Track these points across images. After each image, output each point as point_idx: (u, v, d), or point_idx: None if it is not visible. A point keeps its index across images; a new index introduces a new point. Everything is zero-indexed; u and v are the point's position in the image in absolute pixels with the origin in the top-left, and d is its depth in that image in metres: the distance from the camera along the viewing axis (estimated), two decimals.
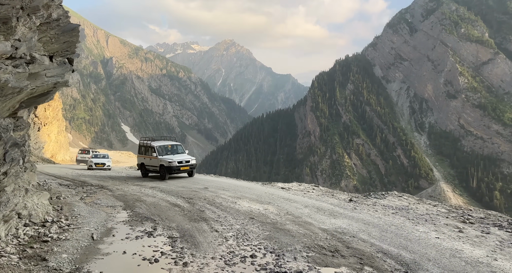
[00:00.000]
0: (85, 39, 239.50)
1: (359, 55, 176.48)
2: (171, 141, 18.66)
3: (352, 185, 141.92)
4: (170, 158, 16.51)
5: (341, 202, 10.96)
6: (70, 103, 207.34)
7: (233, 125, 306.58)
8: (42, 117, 33.04)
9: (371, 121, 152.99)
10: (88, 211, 9.23)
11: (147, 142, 17.93)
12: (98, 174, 18.83)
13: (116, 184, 14.68)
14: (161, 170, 16.47)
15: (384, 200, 11.30)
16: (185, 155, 17.29)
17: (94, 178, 16.75)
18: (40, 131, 33.19)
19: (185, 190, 13.19)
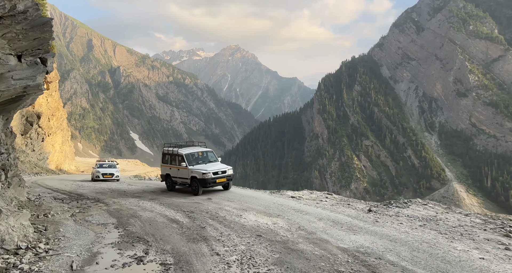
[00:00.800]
0: (92, 49, 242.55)
1: (366, 56, 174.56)
2: (201, 147, 15.82)
3: (362, 187, 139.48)
4: (203, 168, 13.71)
5: (359, 213, 9.73)
6: (79, 113, 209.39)
7: (240, 130, 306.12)
8: (46, 127, 32.41)
9: (379, 122, 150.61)
10: (75, 231, 8.18)
11: (172, 149, 15.14)
12: (98, 186, 17.85)
13: (114, 196, 13.67)
14: (193, 183, 13.83)
15: (408, 210, 10.03)
16: (219, 164, 14.52)
17: (93, 190, 15.77)
18: (44, 141, 32.54)
19: (186, 202, 12.11)
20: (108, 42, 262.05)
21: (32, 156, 30.94)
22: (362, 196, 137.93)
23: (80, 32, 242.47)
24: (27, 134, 30.02)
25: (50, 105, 33.54)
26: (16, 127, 29.15)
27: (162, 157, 15.98)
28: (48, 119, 32.97)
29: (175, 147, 15.50)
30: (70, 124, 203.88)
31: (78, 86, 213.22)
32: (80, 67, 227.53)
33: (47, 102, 33.21)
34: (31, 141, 30.77)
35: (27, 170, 28.25)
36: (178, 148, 15.11)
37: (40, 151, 32.26)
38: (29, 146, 30.69)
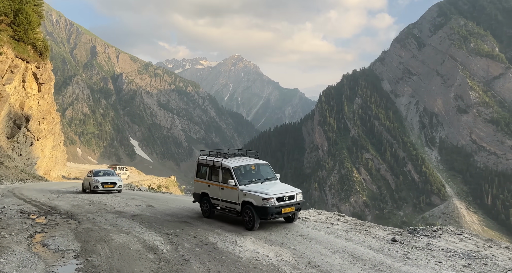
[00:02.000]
0: (96, 55, 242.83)
1: (367, 69, 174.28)
2: (253, 159, 10.88)
3: (361, 201, 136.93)
4: (262, 190, 9.26)
5: (383, 244, 7.84)
6: (80, 118, 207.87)
7: (240, 139, 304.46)
8: (35, 131, 30.54)
9: (380, 135, 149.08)
10: (21, 261, 6.28)
11: (214, 159, 10.57)
12: (79, 197, 15.89)
13: (91, 211, 11.75)
14: (246, 211, 9.27)
15: (440, 240, 8.14)
16: (281, 184, 10.19)
17: (70, 202, 13.82)
18: (33, 146, 30.63)
19: (173, 220, 10.20)
20: (112, 49, 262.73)
21: (18, 161, 28.94)
22: (361, 210, 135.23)
23: (84, 39, 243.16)
24: (14, 138, 28.11)
25: (42, 107, 31.74)
26: (2, 130, 27.31)
27: (197, 168, 11.32)
28: (39, 123, 31.12)
29: (217, 156, 10.88)
30: (71, 129, 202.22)
31: (80, 92, 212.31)
32: (83, 73, 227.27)
33: (38, 104, 31.44)
34: (18, 145, 28.82)
35: (11, 176, 26.29)
36: (222, 158, 10.46)
37: (28, 155, 30.30)
38: (15, 151, 28.75)
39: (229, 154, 10.95)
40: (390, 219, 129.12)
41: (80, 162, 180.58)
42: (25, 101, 29.35)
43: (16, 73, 28.18)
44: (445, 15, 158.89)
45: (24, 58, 29.21)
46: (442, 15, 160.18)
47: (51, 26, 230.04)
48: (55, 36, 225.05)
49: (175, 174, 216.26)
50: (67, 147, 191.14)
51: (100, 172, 20.35)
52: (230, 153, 11.04)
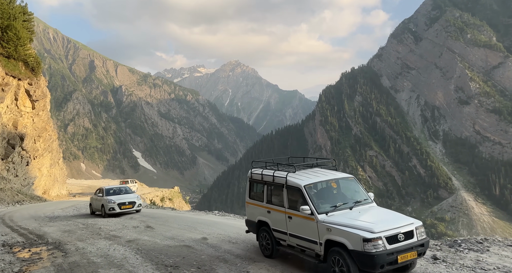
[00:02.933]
0: (95, 70, 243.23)
1: (365, 66, 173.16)
2: (330, 171, 7.56)
3: None
4: (359, 223, 5.72)
5: (424, 263, 6.48)
6: (82, 133, 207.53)
7: (243, 144, 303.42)
8: (31, 149, 29.32)
9: (382, 131, 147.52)
10: None
11: (273, 174, 7.42)
12: (72, 221, 14.58)
13: (82, 237, 10.44)
14: (334, 258, 5.84)
15: (490, 255, 6.79)
16: (385, 212, 6.66)
17: (62, 227, 12.49)
18: (30, 165, 29.40)
19: (173, 245, 8.89)
20: (110, 63, 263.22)
21: (15, 182, 27.70)
22: None
23: (82, 54, 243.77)
24: (8, 159, 26.89)
25: (37, 125, 30.57)
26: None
27: (249, 186, 8.28)
28: (34, 141, 29.91)
29: (279, 169, 7.58)
30: (73, 145, 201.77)
31: (81, 107, 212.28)
32: (82, 88, 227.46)
33: (33, 122, 30.26)
34: (14, 166, 27.60)
35: (7, 198, 25.06)
36: (287, 172, 7.21)
37: (25, 176, 29.07)
38: (11, 172, 27.50)
39: (294, 165, 7.37)
40: None
41: (85, 177, 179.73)
42: (19, 120, 28.19)
43: (7, 91, 27.03)
44: (440, 8, 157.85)
45: (16, 75, 28.07)
46: (437, 8, 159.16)
47: (49, 43, 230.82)
48: (53, 53, 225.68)
49: (179, 183, 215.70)
50: (71, 163, 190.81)
51: (112, 189, 16.73)
52: (296, 164, 7.55)
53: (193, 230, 10.52)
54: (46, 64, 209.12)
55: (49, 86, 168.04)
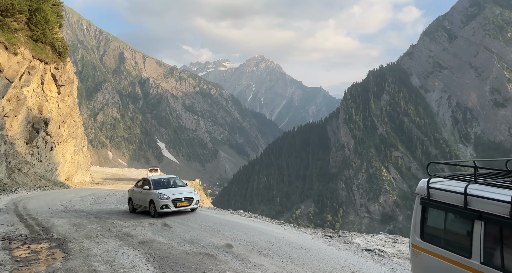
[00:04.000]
0: (124, 61, 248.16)
1: (394, 64, 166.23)
2: None
3: (392, 200, 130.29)
4: None
5: None
6: (110, 122, 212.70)
7: (264, 139, 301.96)
8: (55, 135, 28.83)
9: (410, 132, 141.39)
10: None
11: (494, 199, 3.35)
12: (86, 211, 13.40)
13: (91, 234, 9.11)
14: None
15: None
16: None
17: (72, 219, 11.24)
18: (54, 151, 28.94)
19: (192, 251, 7.35)
20: (139, 55, 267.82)
21: (38, 167, 27.27)
22: (391, 210, 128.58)
23: (113, 46, 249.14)
24: (32, 143, 26.43)
25: (62, 111, 30.04)
26: (20, 135, 25.64)
27: (422, 215, 4.28)
28: (59, 126, 29.42)
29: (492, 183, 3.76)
30: (102, 133, 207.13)
31: (110, 97, 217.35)
32: (112, 78, 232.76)
33: (58, 107, 29.75)
34: (38, 150, 27.14)
35: (29, 183, 24.61)
36: None
37: (48, 161, 28.64)
38: (35, 156, 27.08)
39: None
40: None
41: (111, 165, 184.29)
42: (44, 104, 27.66)
43: (34, 75, 26.48)
44: (478, 4, 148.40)
45: (42, 59, 27.49)
46: (475, 5, 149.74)
47: (82, 34, 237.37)
48: (85, 44, 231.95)
49: (200, 175, 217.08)
50: (99, 150, 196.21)
51: (161, 180, 12.75)
52: None
53: (216, 233, 8.94)
54: (79, 54, 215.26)
55: (81, 76, 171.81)
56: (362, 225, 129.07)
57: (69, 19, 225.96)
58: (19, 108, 24.61)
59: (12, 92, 24.20)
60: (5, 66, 22.66)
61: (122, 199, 18.02)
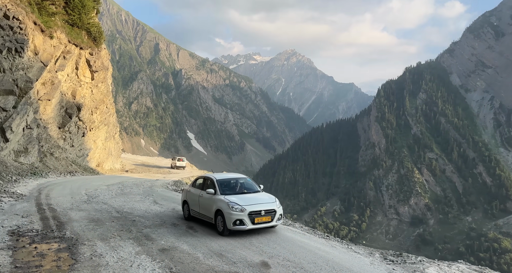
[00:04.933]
0: (159, 52, 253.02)
1: (433, 62, 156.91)
2: None
3: (423, 203, 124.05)
4: None
5: None
6: (144, 111, 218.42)
7: (291, 135, 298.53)
8: (87, 121, 28.60)
9: (446, 133, 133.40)
10: None
11: None
12: (109, 203, 12.40)
13: (108, 234, 7.92)
14: None
15: None
16: None
17: (91, 212, 10.19)
18: (85, 136, 28.75)
19: (220, 269, 5.86)
20: (173, 46, 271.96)
21: (70, 152, 27.11)
22: (422, 213, 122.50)
23: (149, 37, 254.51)
24: (65, 128, 26.23)
25: (95, 97, 29.77)
26: (54, 119, 25.45)
27: None
28: (91, 112, 29.18)
29: None
30: (135, 122, 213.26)
31: (144, 87, 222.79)
32: (147, 69, 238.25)
33: (92, 93, 29.48)
34: (70, 136, 26.96)
35: (60, 168, 24.43)
36: None
37: (80, 147, 28.50)
38: (67, 141, 26.92)
39: None
40: (455, 225, 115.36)
41: (143, 152, 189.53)
42: (78, 89, 27.35)
43: (68, 59, 26.14)
44: None
45: (78, 44, 27.09)
46: None
47: (121, 25, 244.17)
48: (123, 34, 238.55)
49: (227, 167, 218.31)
50: (132, 138, 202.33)
51: (229, 182, 9.38)
52: None
53: (248, 245, 7.42)
54: (117, 44, 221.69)
55: (118, 65, 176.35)
56: (390, 227, 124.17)
57: (109, 10, 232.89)
58: (53, 92, 24.37)
59: (47, 76, 23.96)
60: (40, 49, 22.31)
61: (148, 191, 17.07)
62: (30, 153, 21.76)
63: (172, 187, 20.90)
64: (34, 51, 21.70)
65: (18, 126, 20.31)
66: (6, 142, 19.33)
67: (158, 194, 16.02)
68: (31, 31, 21.26)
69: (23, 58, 20.74)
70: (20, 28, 20.69)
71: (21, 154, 21.09)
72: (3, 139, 19.14)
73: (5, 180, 15.89)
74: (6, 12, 20.50)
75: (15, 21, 20.84)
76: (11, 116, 19.74)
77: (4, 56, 20.17)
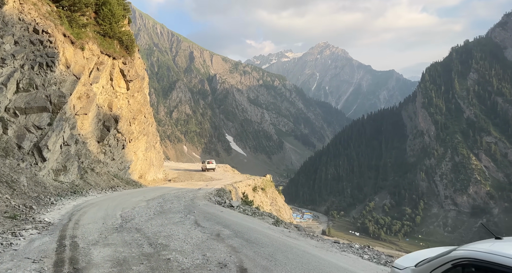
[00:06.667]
0: (194, 60, 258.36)
1: (483, 38, 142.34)
2: None
3: (484, 191, 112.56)
4: None
5: None
6: (184, 119, 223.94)
7: (330, 129, 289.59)
8: (126, 132, 27.42)
9: (505, 114, 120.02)
10: None
11: None
12: (143, 230, 10.24)
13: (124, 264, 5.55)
14: None
15: None
16: None
17: (120, 248, 7.93)
18: (125, 148, 27.57)
19: None
20: (206, 53, 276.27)
21: (112, 166, 25.99)
22: (484, 202, 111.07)
23: (183, 46, 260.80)
24: (104, 141, 25.09)
25: (132, 107, 28.56)
26: (92, 134, 24.37)
27: None
28: (129, 123, 27.97)
29: None
30: (177, 129, 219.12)
31: (183, 95, 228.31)
32: (184, 77, 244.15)
33: (128, 104, 28.28)
34: (110, 149, 25.83)
35: (102, 183, 23.29)
36: None
37: (121, 159, 27.36)
38: (108, 155, 25.82)
39: None
40: None
41: (186, 158, 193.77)
42: (114, 101, 26.19)
43: (102, 71, 24.98)
44: None
45: (110, 54, 25.90)
46: None
47: (157, 38, 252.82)
48: (160, 46, 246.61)
49: (267, 167, 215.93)
50: (175, 145, 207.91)
51: None
52: None
53: None
54: (155, 56, 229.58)
55: (157, 77, 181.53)
56: (448, 219, 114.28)
57: (145, 24, 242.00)
58: (90, 105, 23.33)
59: (82, 89, 22.97)
60: (72, 61, 21.23)
61: (190, 205, 14.89)
62: (70, 171, 20.73)
63: (215, 198, 18.67)
64: (66, 64, 20.69)
65: (55, 143, 19.31)
66: (44, 162, 18.30)
67: (200, 209, 13.75)
68: (61, 43, 20.23)
69: (54, 72, 19.76)
70: (50, 41, 19.70)
71: (61, 172, 20.07)
72: (40, 159, 18.14)
73: (41, 204, 14.58)
74: (36, 26, 19.57)
75: (44, 35, 19.87)
76: (47, 134, 18.72)
77: (36, 72, 19.22)
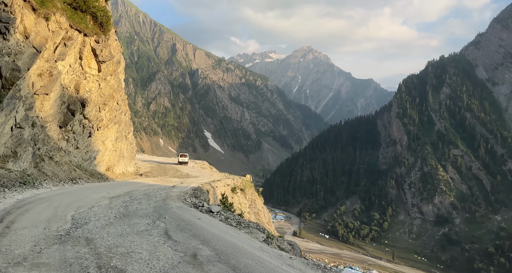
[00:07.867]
0: (176, 53, 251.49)
1: (457, 55, 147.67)
2: None
3: (448, 202, 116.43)
4: None
5: None
6: (162, 111, 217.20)
7: (309, 132, 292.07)
8: (94, 119, 24.27)
9: (472, 129, 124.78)
10: None
11: None
12: (98, 235, 7.71)
13: None
14: None
15: None
16: None
17: None
18: (92, 137, 24.41)
19: None
20: (189, 46, 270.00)
21: (75, 155, 22.81)
22: (447, 212, 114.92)
23: (166, 37, 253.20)
24: (67, 127, 21.88)
25: (103, 91, 25.41)
26: (53, 117, 21.08)
27: None
28: (99, 109, 24.83)
29: None
30: (154, 121, 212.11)
31: (162, 87, 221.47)
32: (164, 69, 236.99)
33: (99, 87, 25.09)
34: (74, 136, 22.65)
35: (61, 174, 20.13)
36: None
37: (87, 149, 24.21)
38: (71, 142, 22.62)
39: None
40: (483, 224, 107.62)
41: (162, 152, 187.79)
42: (82, 82, 23.00)
43: (70, 47, 21.72)
44: None
45: (81, 30, 22.58)
46: None
47: (139, 26, 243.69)
48: (141, 35, 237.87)
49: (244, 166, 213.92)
50: (151, 138, 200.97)
51: None
52: None
53: None
54: (135, 45, 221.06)
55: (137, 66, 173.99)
56: (413, 226, 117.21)
57: (128, 12, 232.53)
58: (52, 85, 20.10)
59: (44, 66, 19.71)
60: (32, 31, 17.97)
61: (161, 207, 12.40)
62: (21, 158, 17.54)
63: (190, 199, 16.19)
64: (24, 34, 17.47)
65: (4, 124, 16.16)
66: None
67: (172, 214, 11.32)
68: (18, 8, 17.01)
69: (9, 41, 16.57)
70: (5, 4, 16.55)
71: (9, 159, 16.86)
72: None
73: None
74: None
75: None
76: None
77: None
